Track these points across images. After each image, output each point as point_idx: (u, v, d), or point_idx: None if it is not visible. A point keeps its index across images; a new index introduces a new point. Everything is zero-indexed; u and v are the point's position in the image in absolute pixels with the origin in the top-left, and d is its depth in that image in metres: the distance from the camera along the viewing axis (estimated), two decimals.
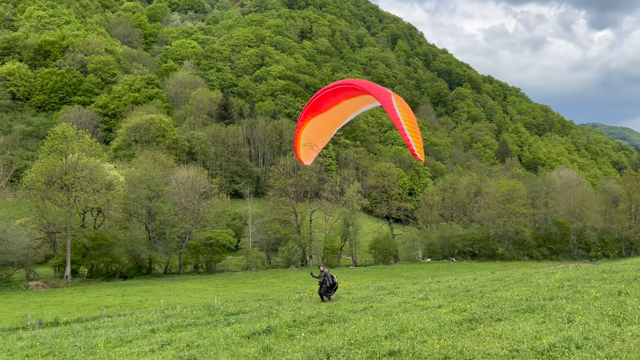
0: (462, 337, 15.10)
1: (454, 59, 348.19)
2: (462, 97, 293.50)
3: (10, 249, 75.57)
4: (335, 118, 25.37)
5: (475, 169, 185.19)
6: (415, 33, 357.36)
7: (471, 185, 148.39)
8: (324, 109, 24.42)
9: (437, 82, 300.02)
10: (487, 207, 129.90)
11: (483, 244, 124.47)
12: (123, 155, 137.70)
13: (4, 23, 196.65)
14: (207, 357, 15.72)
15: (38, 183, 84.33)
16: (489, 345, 13.87)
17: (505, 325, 16.10)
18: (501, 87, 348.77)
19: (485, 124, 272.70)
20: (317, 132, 25.19)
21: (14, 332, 32.16)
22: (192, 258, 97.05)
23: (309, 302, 28.53)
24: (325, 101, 24.22)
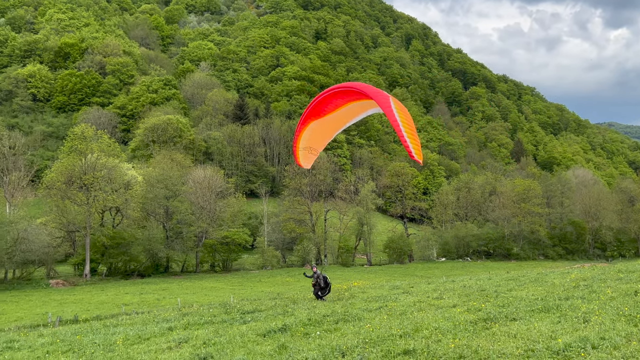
0: (477, 337, 15.01)
1: (469, 58, 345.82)
2: (477, 96, 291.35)
3: (31, 247, 76.47)
4: (334, 122, 25.29)
5: (490, 168, 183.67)
6: (430, 33, 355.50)
7: (486, 184, 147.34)
8: (324, 113, 24.30)
9: (451, 81, 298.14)
10: (502, 207, 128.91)
11: (498, 243, 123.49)
12: (141, 155, 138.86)
13: (25, 26, 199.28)
14: (224, 354, 15.79)
15: (58, 183, 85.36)
16: (504, 345, 13.78)
17: (521, 325, 15.97)
18: (516, 86, 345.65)
19: (500, 124, 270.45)
20: (317, 136, 25.18)
21: (35, 329, 32.58)
22: (208, 257, 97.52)
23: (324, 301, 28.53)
24: (326, 105, 24.12)
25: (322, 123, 24.63)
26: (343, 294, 31.58)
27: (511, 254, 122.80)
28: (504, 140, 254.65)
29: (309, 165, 26.34)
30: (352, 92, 23.48)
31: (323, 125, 24.84)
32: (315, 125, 24.60)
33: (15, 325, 40.10)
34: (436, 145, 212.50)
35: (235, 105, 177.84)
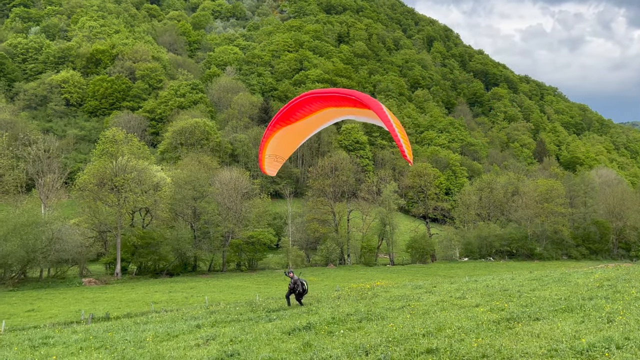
0: (500, 336, 14.84)
1: (490, 59, 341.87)
2: (499, 97, 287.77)
3: (65, 247, 77.82)
4: (304, 129, 24.32)
5: (513, 168, 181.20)
6: (451, 35, 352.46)
7: (508, 184, 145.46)
8: (295, 119, 23.24)
9: (473, 82, 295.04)
10: (524, 207, 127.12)
11: (521, 243, 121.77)
12: (169, 157, 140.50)
13: (59, 34, 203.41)
14: (250, 352, 15.89)
15: (90, 185, 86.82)
16: (527, 345, 13.60)
17: (544, 325, 15.74)
18: (538, 86, 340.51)
19: (522, 124, 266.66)
20: (284, 144, 24.28)
21: (69, 326, 33.17)
22: (234, 256, 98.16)
23: (347, 299, 28.49)
24: (297, 110, 22.97)
25: (292, 130, 23.63)
26: (366, 293, 31.46)
27: (534, 254, 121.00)
28: (526, 141, 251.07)
29: (274, 172, 25.12)
30: (334, 97, 22.43)
31: (292, 132, 23.86)
32: (284, 132, 23.61)
33: (50, 322, 40.89)
34: (458, 146, 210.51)
35: (260, 108, 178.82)
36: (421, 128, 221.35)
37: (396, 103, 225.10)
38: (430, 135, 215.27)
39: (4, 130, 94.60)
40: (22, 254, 73.64)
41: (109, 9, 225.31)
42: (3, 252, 73.04)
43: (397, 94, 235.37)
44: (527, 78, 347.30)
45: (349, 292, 33.82)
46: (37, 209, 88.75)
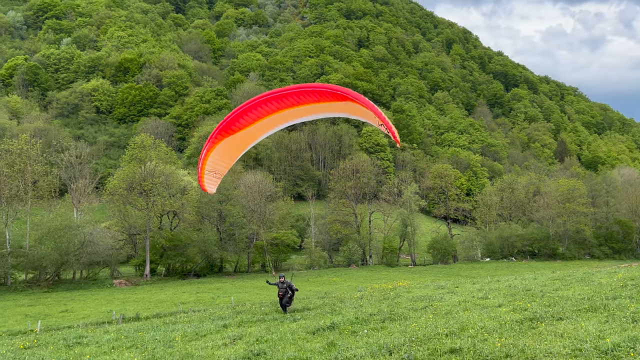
0: (523, 336, 14.62)
1: (510, 60, 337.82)
2: (519, 98, 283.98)
3: (96, 249, 79.08)
4: (249, 138, 21.88)
5: (534, 168, 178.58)
6: (470, 37, 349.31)
7: (530, 185, 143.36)
8: (237, 128, 20.80)
9: (492, 84, 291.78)
10: (546, 207, 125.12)
11: (543, 243, 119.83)
12: (195, 162, 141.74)
13: (89, 44, 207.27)
14: (276, 351, 15.94)
15: (120, 189, 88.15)
16: (551, 344, 13.38)
17: (567, 325, 15.47)
18: (558, 87, 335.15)
19: (542, 124, 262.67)
20: (224, 157, 22.06)
21: (101, 326, 33.69)
22: (259, 257, 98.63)
23: (370, 300, 28.39)
24: (240, 118, 20.60)
25: (234, 140, 21.25)
26: (389, 293, 31.31)
27: (556, 254, 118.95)
28: (547, 141, 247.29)
29: (213, 189, 22.96)
30: (292, 95, 19.77)
31: (234, 143, 21.48)
32: (225, 144, 21.25)
33: (83, 322, 41.53)
34: (479, 147, 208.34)
35: None
36: (441, 130, 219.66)
37: (416, 105, 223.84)
38: (451, 136, 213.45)
39: (38, 138, 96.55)
40: (56, 257, 75.09)
41: (136, 19, 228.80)
42: (38, 255, 74.62)
43: (417, 97, 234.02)
44: (547, 78, 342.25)
45: (372, 292, 33.70)
46: (70, 213, 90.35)
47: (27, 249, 77.37)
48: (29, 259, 75.59)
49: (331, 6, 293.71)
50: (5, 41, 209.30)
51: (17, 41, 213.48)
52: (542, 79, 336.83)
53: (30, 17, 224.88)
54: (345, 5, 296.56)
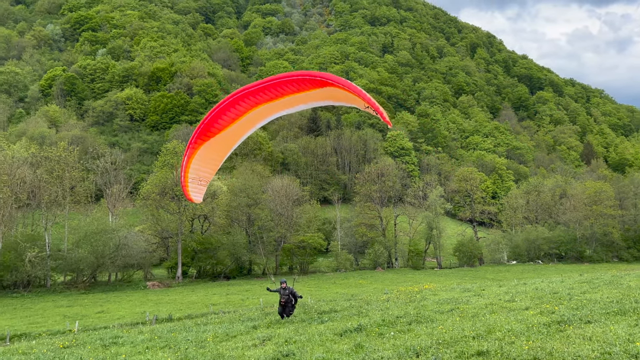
0: (551, 339, 14.33)
1: (534, 64, 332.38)
2: (544, 100, 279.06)
3: (130, 252, 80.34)
4: (230, 139, 20.05)
5: (560, 171, 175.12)
6: (494, 41, 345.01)
7: (556, 187, 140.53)
8: (217, 130, 19.14)
9: (517, 87, 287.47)
10: (573, 209, 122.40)
11: (570, 246, 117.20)
12: (225, 167, 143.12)
13: (123, 54, 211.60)
14: (304, 352, 15.95)
15: (153, 194, 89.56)
16: (579, 348, 13.07)
17: (596, 328, 15.09)
18: (584, 89, 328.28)
19: (568, 127, 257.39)
20: (208, 162, 20.21)
21: (135, 327, 34.18)
22: (287, 260, 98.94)
23: (396, 302, 28.19)
24: (220, 117, 18.89)
25: (214, 144, 19.51)
26: (415, 296, 31.04)
27: (583, 257, 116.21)
28: (573, 143, 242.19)
29: (200, 199, 21.00)
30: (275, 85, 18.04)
31: (214, 147, 19.68)
32: (204, 150, 19.47)
33: (118, 323, 42.22)
34: (504, 150, 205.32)
35: (308, 118, 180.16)
36: (466, 133, 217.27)
37: (441, 109, 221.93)
38: (476, 139, 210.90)
39: (76, 145, 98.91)
40: (92, 260, 76.62)
41: (168, 30, 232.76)
42: (76, 258, 76.31)
43: (441, 101, 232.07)
44: (573, 81, 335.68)
45: (398, 295, 33.44)
46: (105, 218, 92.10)
47: (65, 252, 79.17)
48: (67, 262, 77.34)
49: (356, 13, 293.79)
50: (44, 53, 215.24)
51: (56, 53, 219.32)
52: (568, 81, 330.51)
53: (67, 30, 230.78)
54: (370, 12, 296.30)
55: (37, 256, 73.11)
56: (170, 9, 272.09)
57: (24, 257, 71.91)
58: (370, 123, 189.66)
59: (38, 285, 76.72)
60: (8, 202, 79.15)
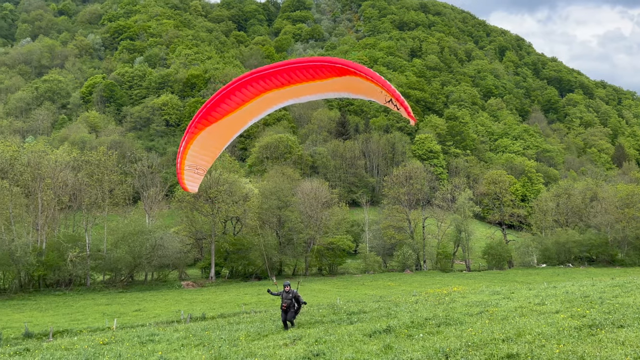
0: (582, 343, 13.97)
1: (564, 66, 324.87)
2: (574, 103, 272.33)
3: (166, 253, 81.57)
4: (233, 125, 17.89)
5: (590, 174, 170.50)
6: (523, 44, 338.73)
7: (586, 190, 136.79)
8: (220, 114, 16.98)
9: (547, 89, 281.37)
10: (604, 212, 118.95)
11: (601, 249, 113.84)
12: (256, 170, 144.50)
13: (159, 62, 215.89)
14: (334, 352, 15.95)
15: (188, 197, 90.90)
16: (611, 352, 12.71)
17: (629, 332, 14.65)
18: (615, 91, 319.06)
19: (599, 129, 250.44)
20: (206, 150, 18.21)
21: (171, 325, 34.67)
22: (316, 261, 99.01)
23: (425, 304, 27.91)
24: (224, 101, 16.85)
25: (215, 130, 17.57)
26: (443, 298, 30.69)
27: (615, 260, 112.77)
28: (604, 146, 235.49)
29: (195, 188, 19.39)
30: (289, 70, 16.02)
31: (215, 133, 17.75)
32: (205, 136, 17.57)
33: (154, 321, 42.89)
34: (533, 153, 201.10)
35: (337, 122, 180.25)
36: (495, 136, 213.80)
37: (469, 112, 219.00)
38: (505, 142, 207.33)
39: (114, 150, 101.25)
40: (130, 260, 78.18)
41: (202, 38, 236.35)
42: (114, 258, 78.00)
43: (470, 104, 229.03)
44: (604, 83, 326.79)
45: (426, 297, 33.11)
46: (142, 219, 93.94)
47: (105, 252, 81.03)
48: (106, 262, 79.16)
49: (384, 19, 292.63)
50: (85, 62, 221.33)
51: (96, 61, 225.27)
52: (598, 83, 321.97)
53: (107, 39, 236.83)
54: (398, 17, 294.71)
55: (78, 256, 75.03)
56: (204, 17, 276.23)
57: (66, 256, 73.90)
58: (398, 127, 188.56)
59: (79, 283, 78.69)
60: (51, 204, 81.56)
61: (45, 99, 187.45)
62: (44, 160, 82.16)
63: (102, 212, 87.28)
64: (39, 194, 78.86)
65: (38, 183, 79.23)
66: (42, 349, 22.90)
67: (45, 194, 79.58)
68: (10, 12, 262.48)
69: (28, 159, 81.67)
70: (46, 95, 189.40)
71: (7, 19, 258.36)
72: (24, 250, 70.27)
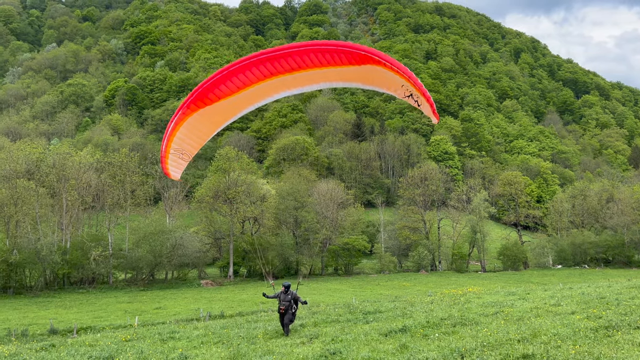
0: (598, 344, 13.77)
1: (580, 67, 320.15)
2: (590, 104, 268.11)
3: (186, 252, 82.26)
4: (228, 110, 15.73)
5: (606, 175, 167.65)
6: (539, 46, 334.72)
7: (602, 191, 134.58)
8: (217, 96, 14.82)
9: (562, 91, 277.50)
10: (620, 214, 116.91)
11: (617, 250, 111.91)
12: (274, 172, 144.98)
13: (179, 66, 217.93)
14: (351, 351, 15.94)
15: (207, 197, 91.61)
16: (628, 353, 12.51)
17: None
18: (632, 92, 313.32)
19: (615, 130, 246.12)
20: (196, 134, 16.10)
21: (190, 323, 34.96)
22: (332, 261, 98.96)
23: (440, 304, 27.73)
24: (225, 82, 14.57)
25: (209, 113, 15.34)
26: (459, 299, 30.46)
27: (632, 262, 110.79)
28: (620, 147, 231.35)
29: (178, 175, 16.84)
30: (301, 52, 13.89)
31: (208, 116, 15.50)
32: (196, 118, 15.36)
33: (174, 319, 43.29)
34: (549, 154, 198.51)
35: (353, 124, 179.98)
36: (510, 137, 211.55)
37: (484, 114, 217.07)
38: (520, 144, 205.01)
39: (136, 152, 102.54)
40: (151, 259, 78.98)
41: (220, 42, 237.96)
42: (136, 257, 78.88)
43: (485, 105, 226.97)
44: (620, 84, 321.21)
45: (442, 297, 32.89)
46: (163, 219, 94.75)
47: (126, 252, 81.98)
48: (127, 261, 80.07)
49: (400, 22, 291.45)
50: (108, 66, 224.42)
51: (119, 66, 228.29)
52: (614, 85, 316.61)
53: (129, 44, 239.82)
54: (414, 20, 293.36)
55: (100, 255, 76.09)
56: (223, 22, 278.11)
57: (89, 255, 75.00)
58: (413, 128, 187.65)
59: (101, 282, 79.76)
60: (75, 205, 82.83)
61: (69, 103, 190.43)
62: (69, 162, 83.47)
63: (124, 212, 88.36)
64: (64, 194, 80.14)
65: (63, 184, 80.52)
66: (67, 344, 23.26)
67: (69, 194, 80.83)
68: (37, 18, 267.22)
69: (53, 160, 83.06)
70: (71, 99, 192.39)
71: (33, 25, 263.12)
72: (49, 249, 71.48)
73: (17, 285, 70.92)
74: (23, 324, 45.17)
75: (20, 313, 54.01)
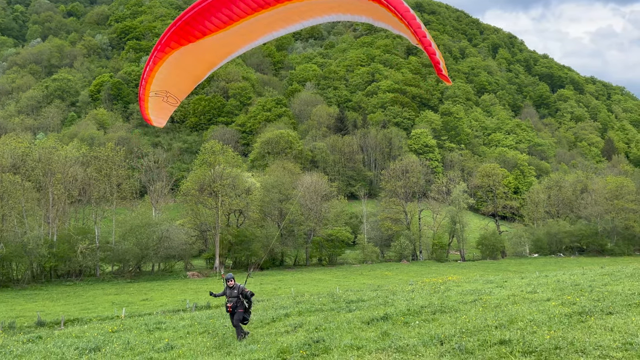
0: (572, 329, 13.96)
1: (555, 62, 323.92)
2: (565, 98, 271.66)
3: (172, 244, 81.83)
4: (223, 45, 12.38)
5: (581, 167, 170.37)
6: (516, 41, 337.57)
7: (577, 182, 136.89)
8: (206, 30, 11.59)
9: (538, 85, 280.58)
10: (594, 204, 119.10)
11: (591, 239, 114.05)
12: (258, 165, 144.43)
13: None
14: (334, 338, 15.94)
15: (192, 190, 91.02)
16: (600, 338, 12.70)
17: (617, 319, 14.64)
18: (604, 87, 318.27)
19: (589, 123, 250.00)
20: (179, 72, 12.79)
21: (177, 313, 34.77)
22: (316, 252, 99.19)
23: (421, 293, 27.91)
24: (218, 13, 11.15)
25: (194, 50, 12.14)
26: (439, 287, 30.71)
27: (605, 250, 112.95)
28: (594, 140, 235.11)
29: (162, 122, 13.72)
30: None
31: (194, 54, 12.29)
32: (179, 56, 12.28)
33: (161, 310, 43.02)
34: (525, 147, 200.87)
35: (336, 118, 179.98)
36: (488, 130, 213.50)
37: (463, 108, 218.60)
38: (498, 137, 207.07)
39: (122, 146, 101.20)
40: (137, 251, 78.33)
41: None
42: (122, 250, 78.14)
43: (464, 100, 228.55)
44: (593, 79, 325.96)
45: (422, 286, 33.13)
46: (149, 212, 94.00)
47: (113, 244, 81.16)
48: (114, 253, 79.30)
49: None
50: (93, 61, 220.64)
51: (104, 61, 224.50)
52: (588, 79, 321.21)
53: (114, 39, 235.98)
54: None
55: (87, 248, 75.18)
56: None
57: (76, 248, 74.03)
58: (395, 122, 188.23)
59: (88, 274, 78.85)
60: (62, 198, 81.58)
61: (55, 97, 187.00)
62: (55, 156, 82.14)
63: (110, 205, 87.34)
64: (50, 188, 78.88)
65: (49, 178, 79.25)
66: (54, 336, 22.94)
67: (55, 188, 79.58)
68: (21, 13, 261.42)
69: (39, 155, 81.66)
70: (56, 94, 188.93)
71: (18, 20, 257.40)
72: (36, 242, 70.37)
73: (4, 278, 69.85)
74: (10, 316, 44.45)
75: (7, 306, 53.17)
